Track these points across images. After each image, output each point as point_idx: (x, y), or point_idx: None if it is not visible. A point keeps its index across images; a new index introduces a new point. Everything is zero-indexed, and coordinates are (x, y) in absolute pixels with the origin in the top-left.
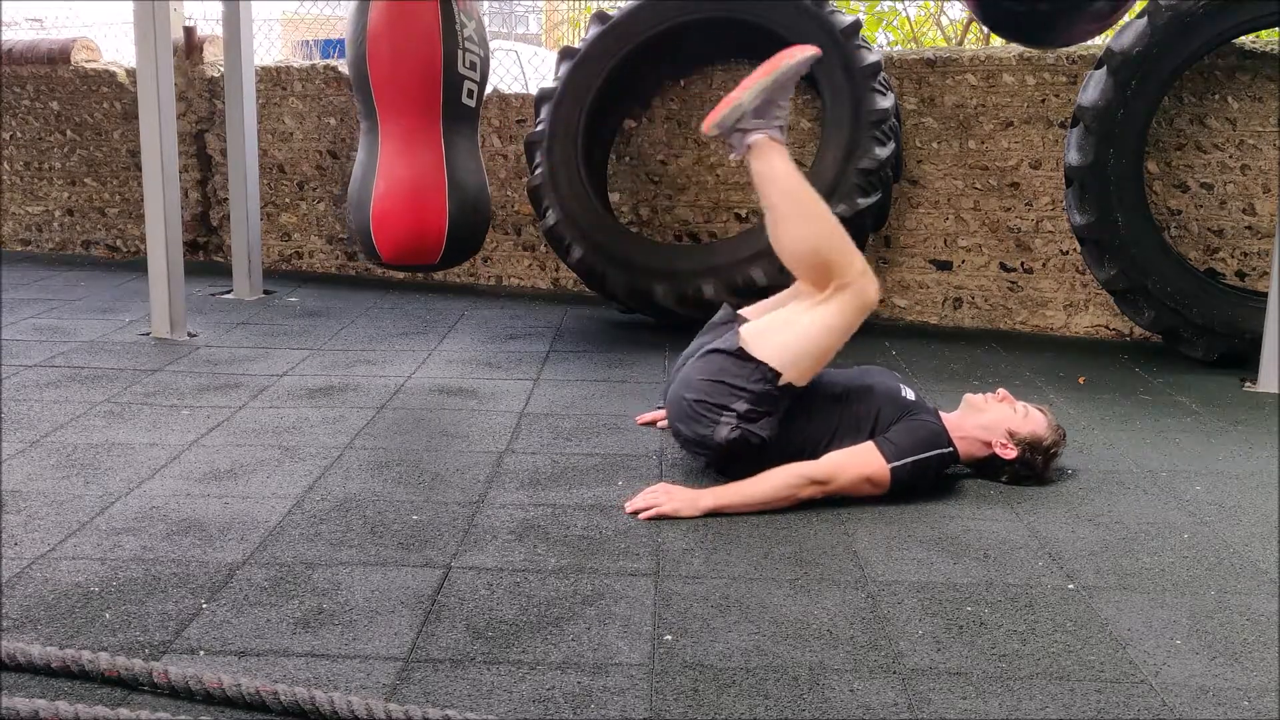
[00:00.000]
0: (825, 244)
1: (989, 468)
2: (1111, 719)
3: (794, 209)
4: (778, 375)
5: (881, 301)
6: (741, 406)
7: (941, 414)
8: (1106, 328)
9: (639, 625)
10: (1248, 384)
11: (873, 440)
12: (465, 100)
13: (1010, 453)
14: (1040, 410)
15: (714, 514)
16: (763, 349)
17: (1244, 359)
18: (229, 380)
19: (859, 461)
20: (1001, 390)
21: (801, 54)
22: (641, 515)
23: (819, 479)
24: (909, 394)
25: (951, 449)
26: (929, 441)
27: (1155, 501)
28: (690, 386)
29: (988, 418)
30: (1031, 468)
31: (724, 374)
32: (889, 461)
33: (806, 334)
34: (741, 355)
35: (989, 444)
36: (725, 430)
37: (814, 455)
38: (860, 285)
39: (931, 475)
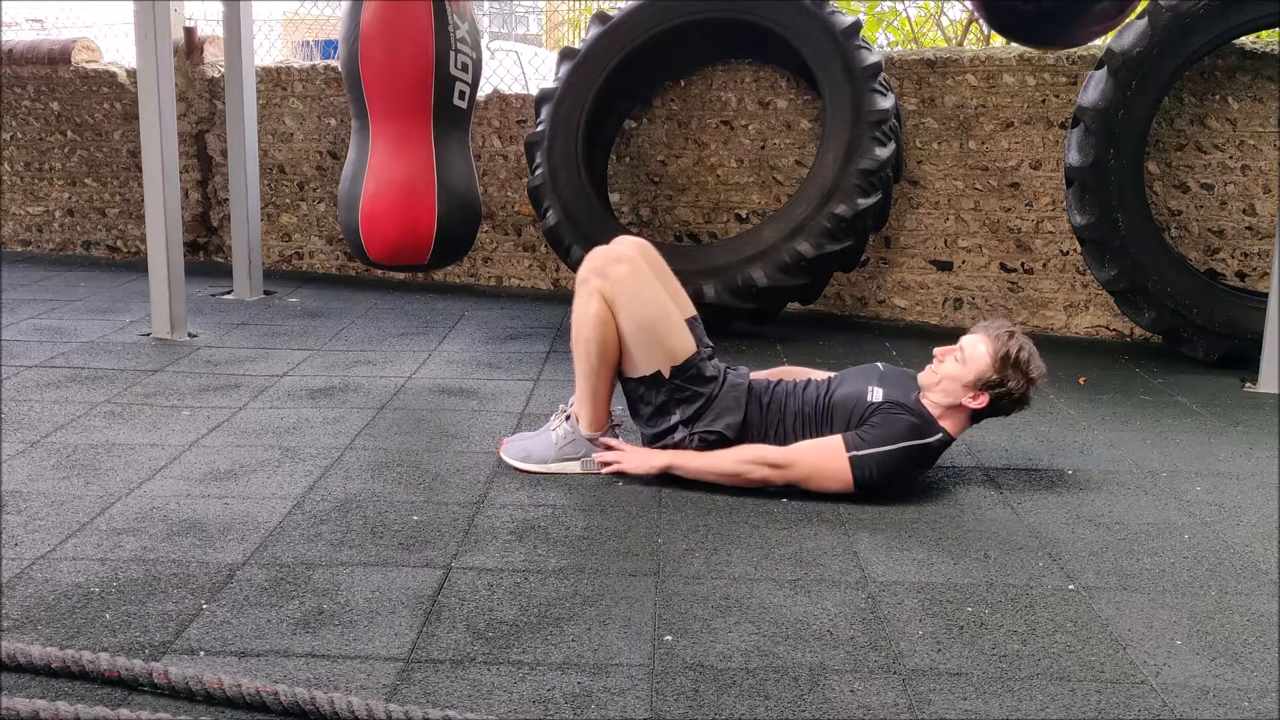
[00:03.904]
0: (577, 333)
1: (989, 415)
2: (1111, 719)
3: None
4: (658, 371)
5: (881, 302)
6: (675, 417)
7: (924, 401)
8: (1107, 328)
9: (639, 625)
10: (1248, 384)
11: (844, 434)
12: (457, 101)
13: (981, 401)
14: (975, 336)
15: (667, 472)
16: (635, 368)
17: (1244, 359)
18: (229, 381)
19: (819, 449)
20: (937, 350)
21: None
22: (604, 470)
23: (775, 462)
24: (876, 394)
25: (937, 437)
26: (902, 434)
27: (1155, 501)
28: (642, 437)
29: (943, 386)
30: (1012, 393)
31: (642, 405)
32: (849, 451)
33: (634, 332)
34: (630, 383)
35: (964, 406)
36: (687, 444)
37: None
38: (594, 266)
39: (909, 468)
